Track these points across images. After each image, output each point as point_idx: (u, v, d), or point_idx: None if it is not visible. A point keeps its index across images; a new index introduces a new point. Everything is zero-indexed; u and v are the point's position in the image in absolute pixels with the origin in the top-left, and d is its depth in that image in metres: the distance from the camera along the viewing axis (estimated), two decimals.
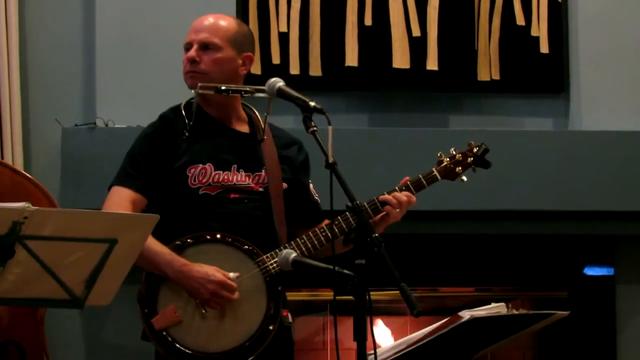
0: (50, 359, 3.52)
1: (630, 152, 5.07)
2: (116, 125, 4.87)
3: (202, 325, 3.57)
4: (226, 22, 3.85)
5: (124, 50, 5.02)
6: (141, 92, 4.93)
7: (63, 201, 4.68)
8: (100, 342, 5.03)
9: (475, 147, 3.87)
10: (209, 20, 3.81)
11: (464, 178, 3.82)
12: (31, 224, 2.80)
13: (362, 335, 3.12)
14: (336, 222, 3.63)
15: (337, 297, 3.26)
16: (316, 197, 3.94)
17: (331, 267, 3.26)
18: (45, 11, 5.18)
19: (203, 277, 3.49)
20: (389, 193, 3.72)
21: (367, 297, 3.09)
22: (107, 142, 4.74)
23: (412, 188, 3.75)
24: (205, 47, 3.72)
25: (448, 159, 3.83)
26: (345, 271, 3.22)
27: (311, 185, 3.96)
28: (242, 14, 5.01)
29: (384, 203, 3.70)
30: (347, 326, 3.17)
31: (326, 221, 3.89)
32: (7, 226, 2.76)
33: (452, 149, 3.86)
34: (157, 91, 4.72)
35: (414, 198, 3.73)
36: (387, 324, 5.25)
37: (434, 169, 3.81)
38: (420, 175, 3.78)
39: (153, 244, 3.50)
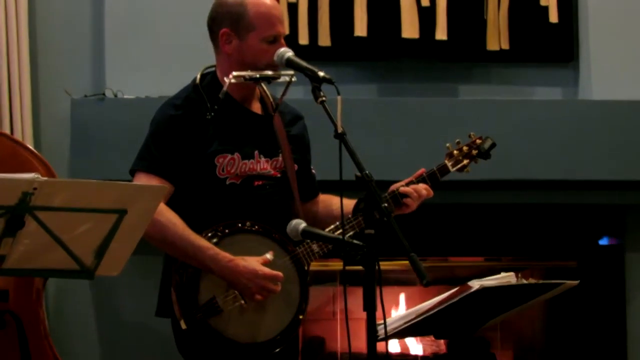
0: (50, 330, 3.52)
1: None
2: (125, 96, 4.87)
3: (242, 317, 3.61)
4: None
5: (132, 21, 5.03)
6: (150, 63, 4.94)
7: (73, 171, 4.71)
8: (110, 315, 5.06)
9: (478, 139, 3.93)
10: (279, 7, 3.86)
11: (469, 169, 3.90)
12: (41, 195, 2.81)
13: (371, 305, 3.13)
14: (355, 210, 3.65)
15: (347, 267, 3.29)
16: (313, 171, 4.01)
17: (340, 237, 3.31)
18: None
19: (251, 272, 3.52)
20: (407, 185, 3.78)
21: (377, 267, 3.12)
22: (117, 112, 4.76)
23: (428, 181, 3.81)
24: None
25: (457, 151, 3.89)
26: (355, 241, 3.25)
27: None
28: None
29: (404, 195, 3.75)
30: (356, 296, 3.19)
31: (323, 196, 4.00)
32: (17, 197, 2.78)
33: (457, 141, 3.90)
34: (165, 62, 4.74)
35: (432, 192, 3.79)
36: (397, 294, 5.27)
37: (446, 162, 3.87)
38: (435, 168, 3.83)
39: (193, 237, 3.55)
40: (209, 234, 3.58)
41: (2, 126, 4.74)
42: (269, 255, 3.56)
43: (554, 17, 5.28)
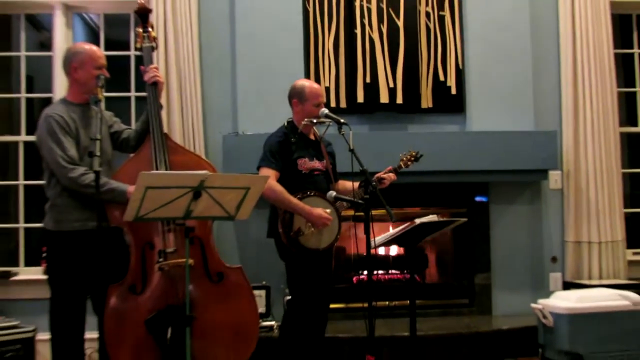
0: (216, 247, 3.52)
1: (496, 140, 5.01)
2: (248, 133, 4.84)
3: (313, 236, 3.66)
4: None
5: (251, 86, 4.99)
6: (261, 112, 4.89)
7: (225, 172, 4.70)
8: (242, 237, 5.05)
9: (415, 152, 4.07)
10: (322, 89, 3.95)
11: (410, 165, 4.04)
12: (209, 181, 2.84)
13: (368, 231, 3.15)
14: (360, 186, 3.81)
15: (356, 213, 3.32)
16: (336, 170, 4.04)
17: (353, 199, 3.48)
18: (210, 71, 5.17)
19: (318, 215, 3.62)
20: (384, 174, 3.93)
21: (370, 213, 3.15)
22: (244, 143, 4.73)
23: (393, 172, 3.97)
24: None
25: (405, 158, 4.04)
26: (360, 201, 3.32)
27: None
28: (306, 76, 5.01)
29: (382, 178, 3.91)
30: (360, 227, 3.22)
31: (341, 180, 4.04)
32: (197, 182, 2.82)
33: (405, 152, 4.04)
34: (269, 111, 4.70)
35: (396, 177, 3.97)
36: (380, 226, 5.25)
37: (401, 163, 4.02)
38: (396, 166, 3.98)
39: (289, 197, 3.64)
40: (297, 196, 3.65)
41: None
42: (328, 210, 3.66)
43: (453, 91, 5.22)
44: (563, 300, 4.36)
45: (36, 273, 4.98)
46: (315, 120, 3.77)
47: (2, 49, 5.32)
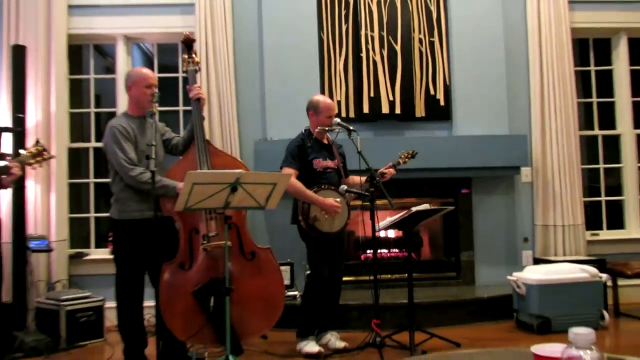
0: (249, 231, 3.50)
1: (477, 143, 4.95)
2: (274, 138, 4.83)
3: (327, 222, 3.64)
4: None
5: (278, 102, 4.97)
6: (285, 120, 4.86)
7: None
8: (270, 223, 5.05)
9: (411, 151, 4.02)
10: (334, 103, 3.89)
11: (407, 162, 3.99)
12: (243, 178, 2.83)
13: (373, 217, 3.12)
14: (366, 181, 3.73)
15: (363, 203, 3.30)
16: (347, 167, 4.00)
17: (360, 191, 3.38)
18: (244, 84, 5.16)
19: (330, 204, 3.60)
20: (385, 169, 3.87)
21: (374, 202, 3.12)
22: (272, 146, 4.71)
23: (393, 167, 3.90)
24: None
25: (403, 156, 3.99)
26: (366, 193, 3.27)
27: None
28: (321, 92, 4.97)
29: (384, 173, 3.85)
30: (366, 214, 3.18)
31: (350, 176, 4.00)
32: (234, 179, 2.79)
33: (403, 151, 4.00)
34: (292, 121, 4.67)
35: (395, 172, 3.91)
36: (383, 213, 5.22)
37: (399, 160, 3.96)
38: (395, 163, 3.92)
39: (307, 190, 3.63)
40: (313, 189, 3.64)
41: None
42: (338, 199, 3.61)
43: (442, 103, 5.17)
44: (534, 273, 4.34)
45: (104, 254, 5.03)
46: (327, 128, 3.76)
47: (75, 73, 5.38)
